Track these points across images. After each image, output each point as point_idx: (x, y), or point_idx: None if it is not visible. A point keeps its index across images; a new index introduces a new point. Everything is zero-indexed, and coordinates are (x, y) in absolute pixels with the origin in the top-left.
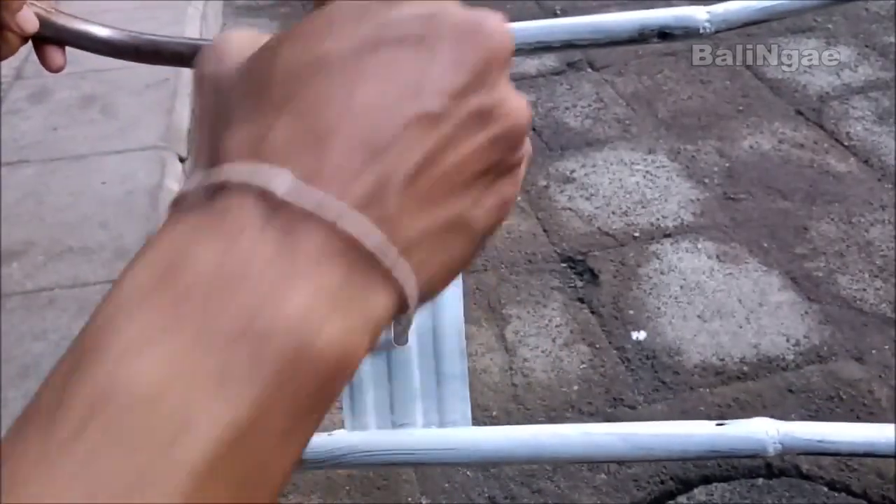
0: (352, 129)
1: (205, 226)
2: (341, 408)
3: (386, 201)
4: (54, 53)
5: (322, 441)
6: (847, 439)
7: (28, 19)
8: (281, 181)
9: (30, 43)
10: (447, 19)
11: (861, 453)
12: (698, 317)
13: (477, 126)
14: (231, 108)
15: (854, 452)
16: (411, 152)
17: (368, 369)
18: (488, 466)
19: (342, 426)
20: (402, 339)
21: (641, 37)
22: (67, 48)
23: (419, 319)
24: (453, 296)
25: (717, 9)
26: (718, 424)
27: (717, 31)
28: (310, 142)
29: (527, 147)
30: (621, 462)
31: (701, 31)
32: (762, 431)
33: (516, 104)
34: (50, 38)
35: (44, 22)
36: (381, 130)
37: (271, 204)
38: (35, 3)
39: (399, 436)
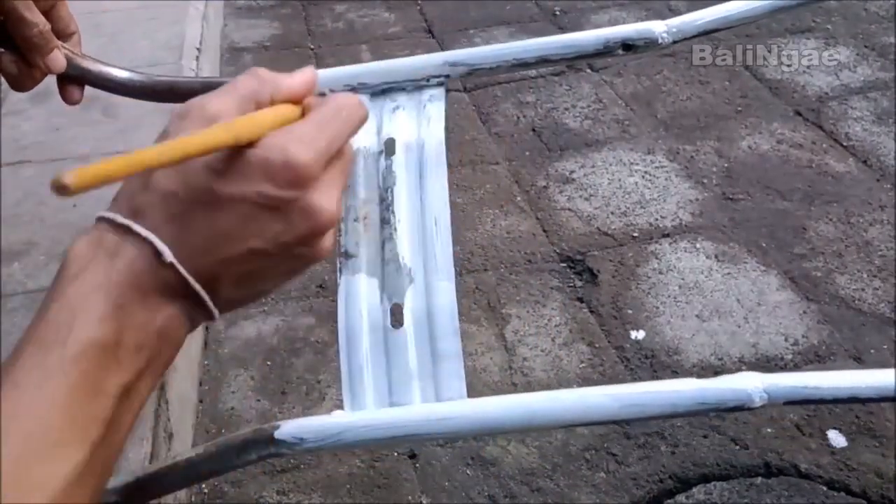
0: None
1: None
2: (341, 391)
3: (184, 234)
4: (74, 90)
5: (322, 422)
6: (831, 385)
7: (58, 60)
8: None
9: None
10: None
11: (846, 399)
12: (697, 316)
13: (266, 220)
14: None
15: (839, 398)
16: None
17: (366, 351)
18: (485, 436)
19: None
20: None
21: (607, 49)
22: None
23: (414, 302)
24: (446, 277)
25: (674, 21)
26: (705, 380)
27: (675, 42)
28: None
29: (326, 242)
30: (615, 423)
31: (660, 41)
32: (748, 383)
33: (317, 211)
34: (74, 77)
35: (71, 63)
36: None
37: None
38: (65, 45)
39: (396, 412)
